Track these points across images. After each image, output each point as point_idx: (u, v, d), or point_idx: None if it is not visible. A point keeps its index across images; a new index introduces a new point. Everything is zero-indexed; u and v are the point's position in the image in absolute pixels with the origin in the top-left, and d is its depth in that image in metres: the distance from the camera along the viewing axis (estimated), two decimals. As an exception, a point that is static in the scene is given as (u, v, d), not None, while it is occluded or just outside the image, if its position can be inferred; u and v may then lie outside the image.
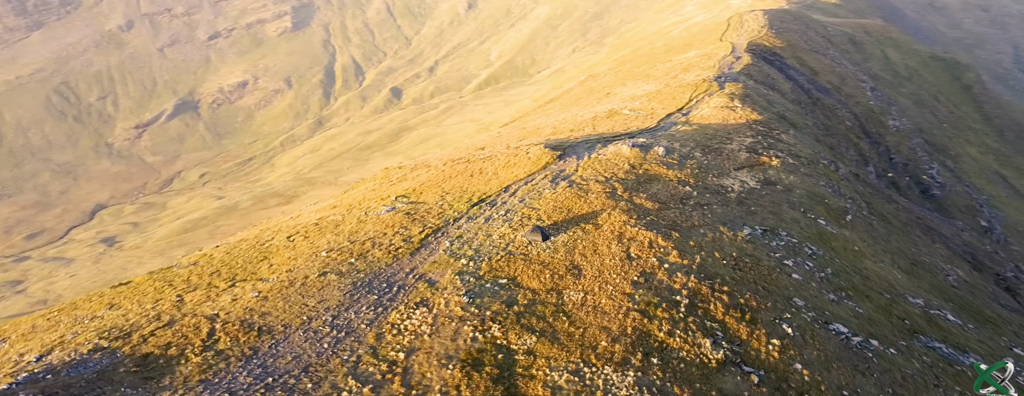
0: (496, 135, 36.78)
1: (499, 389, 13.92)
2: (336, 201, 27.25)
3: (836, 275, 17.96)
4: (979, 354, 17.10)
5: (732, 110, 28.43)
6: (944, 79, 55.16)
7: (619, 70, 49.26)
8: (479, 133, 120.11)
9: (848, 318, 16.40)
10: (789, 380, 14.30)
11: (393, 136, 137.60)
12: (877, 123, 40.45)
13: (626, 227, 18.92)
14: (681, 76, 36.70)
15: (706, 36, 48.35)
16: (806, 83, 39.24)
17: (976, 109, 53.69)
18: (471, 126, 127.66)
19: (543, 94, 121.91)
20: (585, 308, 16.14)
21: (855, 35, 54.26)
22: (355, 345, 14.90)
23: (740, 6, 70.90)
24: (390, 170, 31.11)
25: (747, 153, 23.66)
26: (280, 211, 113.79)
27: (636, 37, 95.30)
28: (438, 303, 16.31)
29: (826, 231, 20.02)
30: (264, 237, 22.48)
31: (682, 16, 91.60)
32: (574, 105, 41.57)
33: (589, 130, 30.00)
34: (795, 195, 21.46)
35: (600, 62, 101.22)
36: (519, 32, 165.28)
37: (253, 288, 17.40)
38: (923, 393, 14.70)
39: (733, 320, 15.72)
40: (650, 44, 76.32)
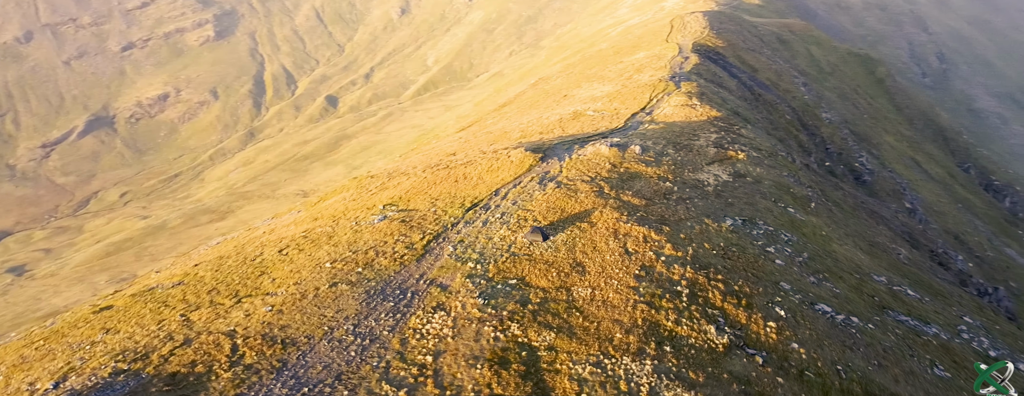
0: (463, 140, 36.97)
1: (528, 385, 14.39)
2: (316, 213, 26.71)
3: (812, 259, 19.55)
4: (938, 324, 19.12)
5: (693, 108, 30.11)
6: (861, 73, 60.39)
7: (571, 72, 50.60)
8: (421, 139, 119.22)
9: (829, 298, 17.94)
10: (789, 359, 15.51)
11: (331, 145, 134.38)
12: (812, 116, 43.87)
13: (619, 224, 19.78)
14: (636, 77, 38.30)
15: (652, 38, 50.62)
16: (748, 80, 42.00)
17: (889, 100, 59.07)
18: (412, 132, 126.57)
19: (485, 98, 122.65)
20: (595, 303, 16.82)
21: (782, 34, 58.43)
22: (382, 351, 15.05)
23: (673, 8, 74.37)
24: (362, 179, 30.70)
25: (715, 148, 25.22)
26: (214, 228, 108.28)
27: (574, 39, 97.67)
28: (455, 306, 16.57)
29: (796, 218, 21.72)
30: (250, 252, 21.84)
31: (617, 18, 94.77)
32: (533, 108, 42.36)
33: (559, 132, 30.81)
34: (764, 186, 23.12)
35: (541, 65, 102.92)
36: (455, 37, 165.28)
37: (264, 303, 17.13)
38: (902, 362, 16.32)
39: (731, 306, 16.84)
40: (591, 46, 78.56)
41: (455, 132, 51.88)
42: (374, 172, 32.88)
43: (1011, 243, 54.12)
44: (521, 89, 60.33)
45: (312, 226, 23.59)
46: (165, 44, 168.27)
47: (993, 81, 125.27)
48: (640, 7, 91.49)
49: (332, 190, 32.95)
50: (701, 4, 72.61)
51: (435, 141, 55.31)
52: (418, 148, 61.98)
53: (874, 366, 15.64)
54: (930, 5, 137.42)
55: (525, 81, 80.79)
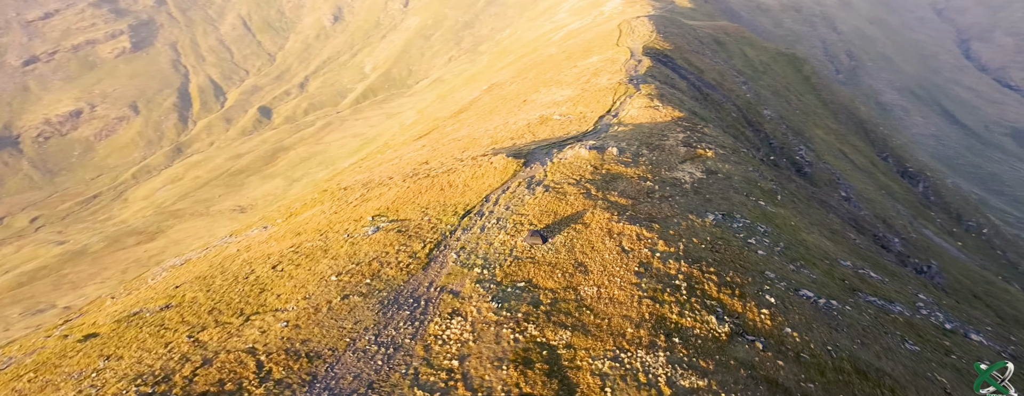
0: (429, 148, 36.89)
1: (554, 382, 14.90)
2: (296, 227, 26.16)
3: (788, 248, 21.09)
4: (901, 302, 21.08)
5: (656, 109, 31.55)
6: (789, 72, 64.85)
7: (526, 78, 51.41)
8: (370, 147, 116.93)
9: (809, 284, 19.44)
10: (785, 343, 16.74)
11: (268, 158, 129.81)
12: (755, 113, 46.79)
13: (611, 223, 20.61)
14: (594, 80, 39.57)
15: (603, 42, 52.27)
16: (696, 81, 44.27)
17: (816, 97, 63.79)
18: (354, 141, 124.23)
19: (429, 104, 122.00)
20: (602, 300, 17.52)
21: (718, 36, 61.85)
22: (408, 358, 15.22)
23: (612, 13, 77.05)
24: (335, 191, 30.19)
25: (685, 147, 26.61)
26: (143, 250, 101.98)
27: (516, 44, 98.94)
28: (470, 311, 16.84)
29: (768, 211, 23.31)
30: (238, 270, 21.26)
31: (557, 23, 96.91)
32: (493, 114, 42.81)
33: (530, 137, 31.44)
34: (735, 182, 24.65)
35: (485, 70, 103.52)
36: (392, 43, 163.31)
37: (276, 319, 16.90)
38: (880, 340, 17.92)
39: (726, 296, 17.97)
40: (535, 51, 79.98)
41: (412, 139, 51.53)
42: (346, 184, 32.33)
43: (928, 225, 59.60)
44: (473, 95, 60.64)
45: (298, 241, 23.10)
46: (74, 57, 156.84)
47: (894, 76, 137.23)
48: (579, 11, 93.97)
49: (304, 204, 32.14)
50: (638, 8, 75.61)
51: (390, 150, 54.67)
52: (373, 157, 60.99)
53: (858, 345, 17.15)
54: (836, 6, 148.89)
55: (473, 87, 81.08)
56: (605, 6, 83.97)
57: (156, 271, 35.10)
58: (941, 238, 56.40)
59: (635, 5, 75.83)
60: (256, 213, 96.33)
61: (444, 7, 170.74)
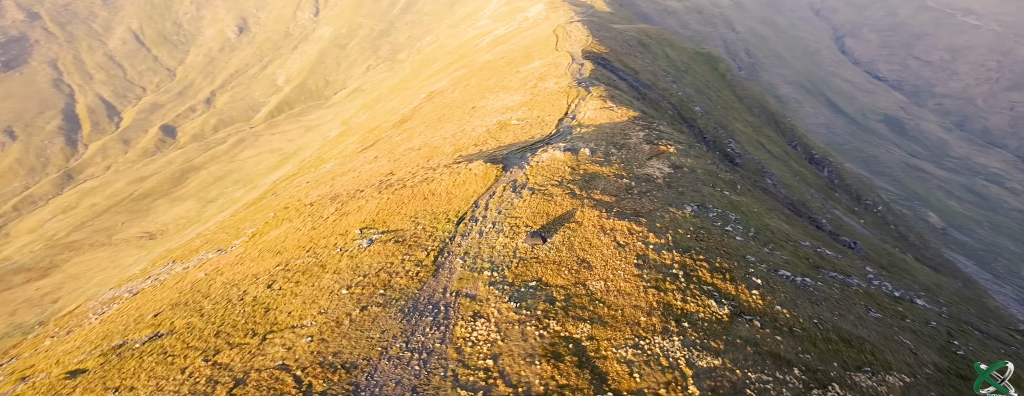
0: (391, 159, 36.48)
1: (586, 372, 15.75)
2: (272, 246, 25.50)
3: (758, 233, 23.16)
4: (856, 275, 23.75)
5: (611, 110, 33.21)
6: (707, 70, 69.79)
7: (467, 85, 51.81)
8: (285, 163, 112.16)
9: (783, 264, 21.50)
10: (777, 320, 18.49)
11: (176, 179, 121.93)
12: (688, 110, 50.10)
13: (602, 220, 21.75)
14: (541, 85, 40.81)
15: (541, 47, 53.77)
16: (633, 81, 46.79)
17: (731, 92, 69.07)
18: (273, 157, 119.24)
19: (353, 114, 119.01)
20: (612, 293, 18.56)
21: (641, 38, 65.46)
22: (443, 362, 15.56)
23: (537, 18, 79.20)
24: (300, 207, 29.31)
25: (648, 145, 28.33)
26: (34, 288, 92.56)
27: (441, 51, 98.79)
28: (491, 312, 17.33)
29: (733, 200, 25.39)
30: (226, 294, 20.74)
31: (481, 29, 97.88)
32: (443, 122, 42.96)
33: (495, 143, 32.06)
34: (699, 174, 26.62)
35: (412, 78, 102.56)
36: (305, 54, 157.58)
37: (297, 335, 16.82)
38: (851, 310, 20.14)
39: (720, 281, 19.56)
40: (463, 58, 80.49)
41: (357, 151, 50.50)
42: (311, 199, 31.47)
43: (837, 206, 66.18)
44: (413, 103, 60.19)
45: (283, 259, 22.52)
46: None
47: (786, 71, 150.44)
48: (501, 17, 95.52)
49: (266, 223, 30.98)
50: (561, 14, 78.24)
51: (332, 163, 53.22)
52: (308, 171, 58.92)
53: (836, 316, 19.25)
54: (730, 8, 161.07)
55: (403, 95, 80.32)
56: (528, 11, 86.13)
57: (94, 306, 32.48)
58: (849, 217, 62.98)
59: (558, 10, 78.44)
60: (170, 238, 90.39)
61: (358, 15, 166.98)
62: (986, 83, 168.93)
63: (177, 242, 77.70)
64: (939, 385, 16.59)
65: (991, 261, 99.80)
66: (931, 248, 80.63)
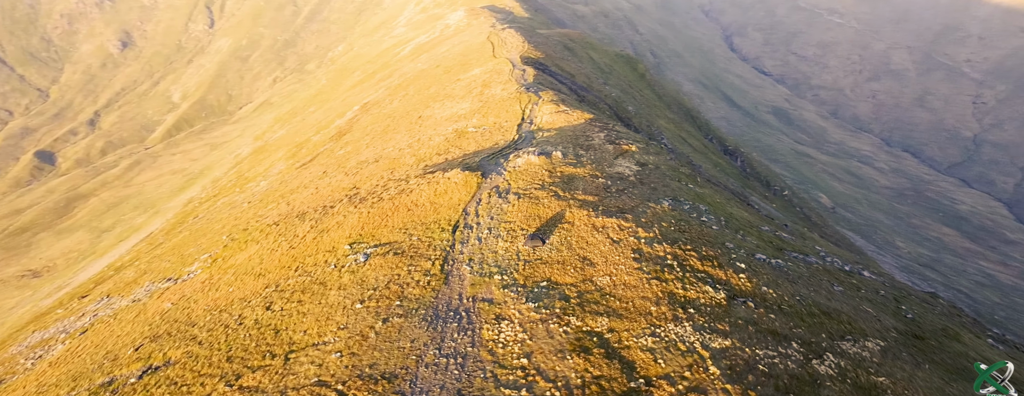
0: (346, 173, 35.70)
1: (615, 362, 16.76)
2: (251, 269, 24.44)
3: (727, 221, 25.27)
4: (812, 255, 26.51)
5: (567, 114, 34.60)
6: (628, 71, 73.67)
7: (406, 94, 51.36)
8: (192, 184, 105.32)
9: (756, 248, 23.62)
10: (767, 300, 20.33)
11: (61, 210, 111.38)
12: (623, 110, 52.84)
13: (591, 219, 22.92)
14: (488, 92, 41.52)
15: (478, 54, 54.33)
16: (571, 84, 48.70)
17: (652, 91, 73.42)
18: (177, 178, 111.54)
19: (264, 129, 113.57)
20: (618, 287, 19.73)
21: (565, 42, 67.91)
22: (479, 364, 16.05)
23: (459, 25, 79.74)
24: (265, 228, 28.20)
25: (611, 145, 29.94)
26: None
27: (359, 61, 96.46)
28: (512, 314, 17.95)
29: (698, 192, 27.45)
30: (220, 320, 20.18)
31: (399, 37, 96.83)
32: (389, 133, 42.54)
33: (458, 151, 32.42)
34: (664, 170, 28.50)
35: (327, 89, 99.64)
36: (202, 68, 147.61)
37: (323, 352, 16.88)
38: (821, 286, 22.30)
39: (710, 268, 21.25)
40: (387, 67, 79.46)
41: (295, 167, 48.69)
42: (272, 219, 30.23)
43: (752, 192, 72.48)
44: (349, 115, 58.64)
45: (269, 281, 21.93)
46: None
47: (686, 69, 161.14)
48: (420, 25, 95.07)
49: (226, 247, 29.42)
50: (482, 21, 79.38)
51: (262, 181, 50.97)
52: (231, 191, 55.87)
53: (812, 292, 21.46)
54: (631, 11, 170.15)
55: (326, 107, 77.97)
56: (449, 19, 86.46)
57: (21, 350, 29.46)
58: (764, 202, 69.18)
59: (479, 17, 79.48)
60: (62, 274, 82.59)
61: (258, 26, 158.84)
62: (852, 75, 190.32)
63: (78, 276, 70.66)
64: (905, 346, 19.12)
65: (872, 234, 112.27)
66: (829, 226, 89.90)
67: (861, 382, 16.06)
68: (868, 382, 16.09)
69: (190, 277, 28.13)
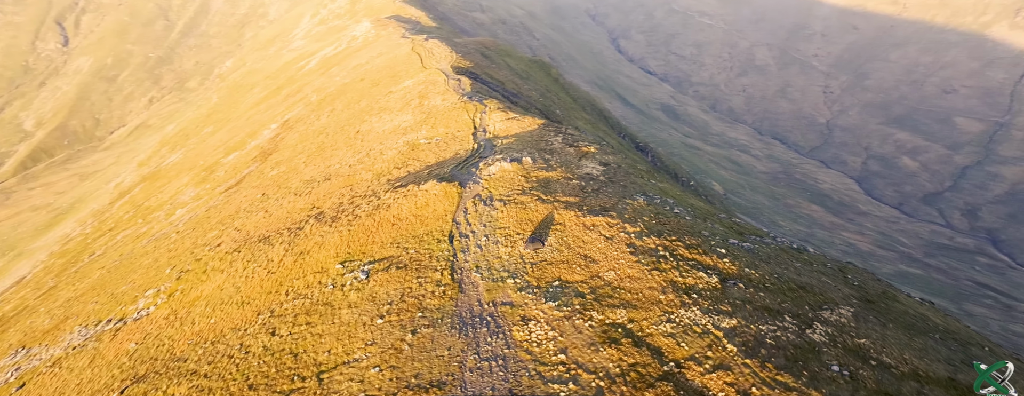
0: (297, 194, 34.30)
1: (644, 349, 18.13)
2: (231, 298, 23.29)
3: (693, 211, 27.59)
4: (766, 237, 29.65)
5: (518, 120, 35.67)
6: (543, 75, 76.26)
7: (334, 109, 49.65)
8: (62, 219, 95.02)
9: (726, 234, 26.00)
10: (752, 280, 22.40)
11: None
12: (553, 114, 54.95)
13: (580, 219, 24.23)
14: (428, 103, 41.50)
15: (405, 66, 53.66)
16: (503, 92, 49.86)
17: (567, 94, 76.65)
18: (41, 215, 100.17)
19: (149, 155, 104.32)
20: (625, 280, 21.18)
21: (483, 50, 69.02)
22: (520, 364, 16.83)
23: (367, 36, 78.04)
24: (221, 257, 26.70)
25: (571, 147, 31.45)
26: None
27: (257, 76, 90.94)
28: (537, 314, 18.82)
29: (661, 186, 29.59)
30: (220, 352, 19.33)
31: (299, 50, 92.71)
32: (327, 150, 41.27)
33: (418, 163, 32.42)
34: (625, 168, 30.40)
35: (221, 107, 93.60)
36: (58, 91, 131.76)
37: (359, 369, 17.23)
38: (787, 264, 24.68)
39: (697, 255, 23.21)
40: (293, 82, 76.17)
41: (222, 192, 45.63)
42: (229, 247, 28.46)
43: (662, 182, 78.57)
44: (268, 134, 55.53)
45: (257, 307, 21.17)
46: None
47: (582, 71, 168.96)
48: (321, 38, 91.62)
49: (178, 280, 27.48)
50: (391, 31, 78.46)
51: (157, 213, 47.46)
52: (132, 223, 51.18)
53: (784, 269, 24.00)
54: (526, 18, 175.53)
55: (234, 127, 73.43)
56: (355, 30, 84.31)
57: None
58: (676, 190, 74.91)
59: (387, 27, 78.40)
60: None
61: (125, 43, 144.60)
62: (724, 71, 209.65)
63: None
64: (866, 310, 22.32)
65: (759, 216, 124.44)
66: (729, 212, 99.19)
67: (849, 345, 18.63)
68: (854, 344, 18.71)
69: (143, 315, 25.87)
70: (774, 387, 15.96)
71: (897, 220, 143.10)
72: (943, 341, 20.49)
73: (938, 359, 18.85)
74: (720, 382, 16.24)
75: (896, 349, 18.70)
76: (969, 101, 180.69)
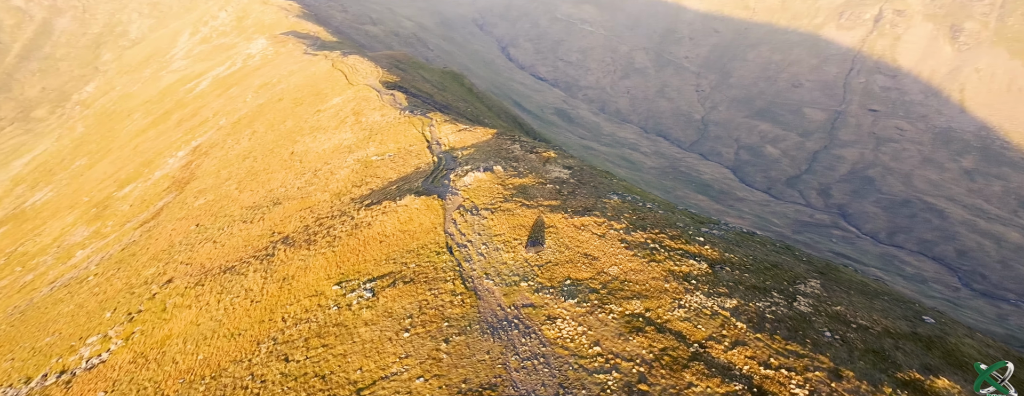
0: (245, 221, 32.34)
1: (668, 334, 19.70)
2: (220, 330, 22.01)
3: (660, 205, 29.68)
4: (723, 225, 32.55)
5: (470, 131, 36.11)
6: (457, 86, 76.69)
7: (255, 132, 46.69)
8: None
9: (696, 224, 28.63)
10: (734, 263, 24.18)
11: None
12: (482, 124, 55.82)
13: (569, 220, 25.48)
14: (367, 119, 40.59)
15: (329, 83, 51.48)
16: (434, 104, 49.86)
17: (481, 102, 77.82)
18: None
19: (2, 194, 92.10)
20: (630, 273, 22.70)
21: (395, 63, 68.31)
22: (561, 360, 17.84)
23: (266, 53, 73.84)
24: (180, 292, 24.88)
25: (532, 154, 32.57)
26: None
27: (134, 101, 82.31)
28: (560, 313, 19.87)
29: (625, 184, 31.36)
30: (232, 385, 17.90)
31: (182, 72, 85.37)
32: (261, 175, 39.13)
33: (378, 180, 31.95)
34: (587, 168, 32.03)
35: (97, 138, 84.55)
36: None
37: (401, 381, 17.55)
38: (754, 247, 27.45)
39: (681, 245, 25.05)
40: (185, 106, 70.63)
41: (127, 228, 41.54)
42: (191, 281, 26.37)
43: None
44: (177, 162, 50.87)
45: (253, 337, 20.28)
46: None
47: (477, 80, 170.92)
48: (207, 57, 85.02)
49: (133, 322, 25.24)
50: (290, 48, 75.07)
51: (63, 252, 42.98)
52: (16, 270, 45.38)
53: (755, 251, 26.75)
54: (417, 28, 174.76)
55: (119, 157, 66.70)
56: (249, 48, 79.34)
57: None
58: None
59: (286, 44, 74.76)
60: None
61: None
62: (609, 75, 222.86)
63: None
64: (826, 281, 25.52)
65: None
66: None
67: (830, 312, 21.38)
68: (833, 312, 21.51)
69: (96, 362, 23.29)
70: (788, 356, 18.16)
71: (768, 203, 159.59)
72: (891, 302, 24.27)
73: (897, 317, 22.20)
74: (742, 357, 18.16)
75: (865, 312, 21.82)
76: (813, 93, 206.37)
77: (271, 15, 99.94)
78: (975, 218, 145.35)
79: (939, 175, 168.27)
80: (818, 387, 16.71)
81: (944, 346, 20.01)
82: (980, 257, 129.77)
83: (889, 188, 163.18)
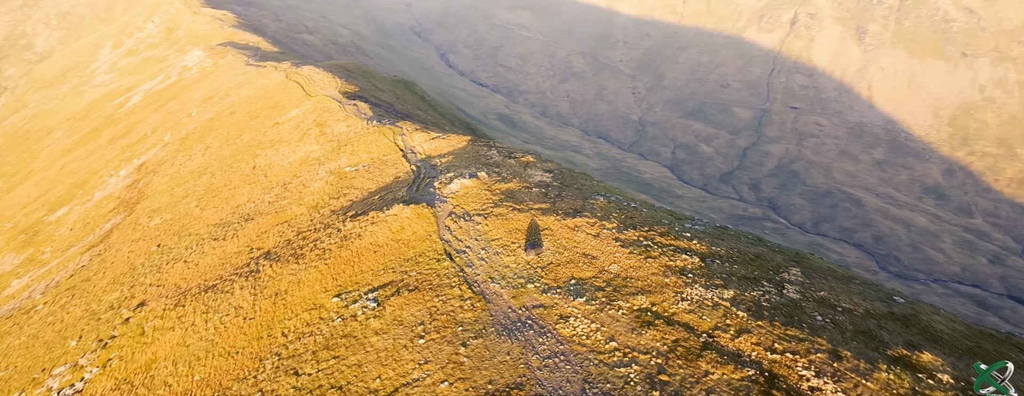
0: (234, 239, 30.94)
1: (678, 327, 20.51)
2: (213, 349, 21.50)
3: (642, 205, 30.56)
4: (701, 220, 33.90)
5: (444, 139, 35.92)
6: (408, 93, 75.66)
7: (207, 147, 44.37)
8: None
9: (679, 220, 29.83)
10: (722, 256, 25.17)
11: None
12: (442, 131, 55.46)
13: (562, 222, 26.05)
14: (332, 130, 39.57)
15: (284, 95, 49.53)
16: (394, 112, 49.14)
17: (434, 110, 77.31)
18: None
19: None
20: (630, 270, 23.45)
21: (347, 73, 66.64)
22: (581, 357, 18.38)
23: (204, 65, 70.24)
24: (158, 314, 23.75)
25: (510, 159, 32.83)
26: None
27: (55, 118, 76.09)
28: (572, 312, 20.39)
29: (606, 185, 32.08)
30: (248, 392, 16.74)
31: (108, 86, 79.80)
32: (222, 190, 37.46)
33: (358, 191, 31.36)
34: (567, 172, 32.72)
35: (9, 160, 78.21)
36: None
37: (424, 387, 17.47)
38: (735, 240, 29.10)
39: (671, 241, 26.05)
40: (117, 123, 66.51)
41: (73, 253, 38.80)
42: (169, 303, 25.03)
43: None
44: (120, 182, 47.48)
45: (254, 353, 19.61)
46: None
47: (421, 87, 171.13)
48: (136, 70, 79.91)
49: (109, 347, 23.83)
50: (230, 59, 71.92)
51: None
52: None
53: (735, 244, 28.10)
54: (354, 36, 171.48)
55: (46, 178, 62.02)
56: (185, 60, 75.21)
57: None
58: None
59: (226, 56, 71.43)
60: None
61: None
62: (549, 79, 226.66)
63: None
64: (803, 268, 27.31)
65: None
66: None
67: (816, 298, 22.82)
68: (819, 297, 23.00)
69: (69, 393, 21.77)
70: (789, 340, 19.38)
71: (705, 199, 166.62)
72: (863, 285, 26.26)
73: (873, 299, 23.98)
74: (748, 344, 19.23)
75: (846, 296, 23.49)
76: (740, 93, 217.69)
77: (205, 26, 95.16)
78: (887, 205, 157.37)
79: (854, 167, 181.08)
80: (822, 368, 17.95)
81: (919, 323, 21.87)
82: (893, 241, 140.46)
83: (812, 180, 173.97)
